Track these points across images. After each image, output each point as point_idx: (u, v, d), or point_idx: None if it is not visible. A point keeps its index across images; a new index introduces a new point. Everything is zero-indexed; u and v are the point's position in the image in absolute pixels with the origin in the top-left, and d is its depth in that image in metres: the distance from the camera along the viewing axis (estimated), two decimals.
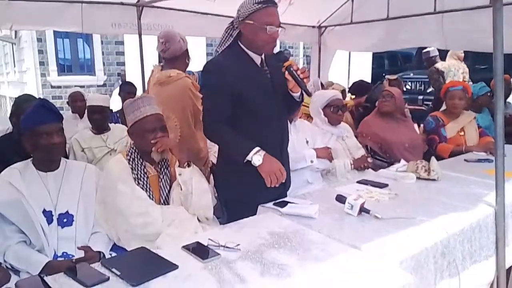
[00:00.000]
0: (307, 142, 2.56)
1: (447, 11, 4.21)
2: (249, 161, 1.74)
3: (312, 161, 2.44)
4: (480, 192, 2.02)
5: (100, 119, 2.96)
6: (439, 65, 5.66)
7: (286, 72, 1.82)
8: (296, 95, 1.91)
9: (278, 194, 1.94)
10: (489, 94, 3.68)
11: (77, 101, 3.84)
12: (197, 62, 2.92)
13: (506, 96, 4.50)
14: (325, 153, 2.51)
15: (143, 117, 1.89)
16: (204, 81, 1.91)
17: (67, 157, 2.75)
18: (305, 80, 1.82)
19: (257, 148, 1.75)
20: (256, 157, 1.72)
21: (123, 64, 9.63)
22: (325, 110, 2.76)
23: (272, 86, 1.91)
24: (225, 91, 1.80)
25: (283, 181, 1.78)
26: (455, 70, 5.59)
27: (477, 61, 8.56)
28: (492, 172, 1.88)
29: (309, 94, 1.94)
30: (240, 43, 1.88)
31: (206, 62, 1.91)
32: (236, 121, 1.83)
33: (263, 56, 1.92)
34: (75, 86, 5.36)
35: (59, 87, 9.13)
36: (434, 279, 1.55)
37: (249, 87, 1.83)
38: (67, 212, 1.77)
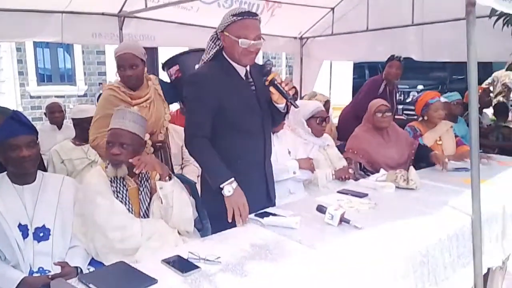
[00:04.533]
0: (289, 152, 2.57)
1: (425, 23, 4.33)
2: (220, 188, 1.73)
3: (294, 172, 2.45)
4: (457, 200, 2.05)
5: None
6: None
7: (270, 85, 1.81)
8: (281, 106, 1.90)
9: (263, 206, 1.94)
10: (457, 102, 3.76)
11: (55, 112, 3.76)
12: None
13: (487, 106, 4.63)
14: (308, 164, 2.53)
15: (110, 129, 1.89)
16: (188, 93, 1.87)
17: (45, 169, 2.70)
18: (289, 92, 1.81)
19: (231, 179, 1.73)
20: (228, 187, 1.70)
21: (104, 74, 9.53)
22: (309, 122, 2.79)
23: (257, 98, 1.91)
24: (208, 104, 1.79)
25: (243, 220, 1.75)
26: None
27: (455, 71, 8.81)
28: (468, 181, 1.92)
29: (296, 106, 1.91)
30: (224, 54, 1.88)
31: (190, 74, 1.91)
32: (219, 133, 1.82)
33: (248, 67, 1.92)
34: (55, 96, 5.29)
35: (39, 97, 8.96)
36: None
37: (232, 99, 1.82)
38: (43, 226, 1.74)
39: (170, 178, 1.82)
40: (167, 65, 2.54)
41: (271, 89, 1.81)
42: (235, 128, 1.84)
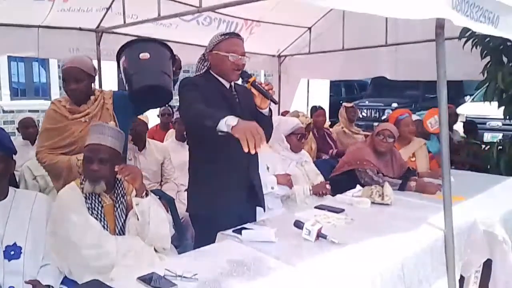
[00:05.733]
0: (267, 168, 2.59)
1: (398, 43, 4.49)
2: (222, 132, 1.67)
3: (273, 188, 2.47)
4: (430, 215, 2.09)
5: None
6: None
7: (252, 88, 1.94)
8: (265, 111, 2.02)
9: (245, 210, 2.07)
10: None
11: (28, 128, 3.64)
12: None
13: (452, 124, 4.78)
14: (286, 180, 2.56)
15: (87, 145, 1.87)
16: (181, 91, 2.00)
17: (17, 185, 2.63)
18: (270, 92, 1.94)
19: (232, 116, 1.70)
20: (231, 118, 1.64)
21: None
22: (289, 138, 2.83)
23: (240, 108, 2.06)
24: (200, 99, 1.91)
25: (262, 143, 1.61)
26: None
27: (428, 90, 9.10)
28: (441, 196, 1.97)
29: (275, 102, 2.04)
30: (211, 72, 2.10)
31: (182, 79, 2.08)
32: (204, 142, 1.95)
33: (232, 83, 2.12)
34: (29, 110, 5.17)
35: (12, 111, 8.74)
36: None
37: (219, 104, 1.96)
38: (14, 244, 1.68)
39: (147, 194, 1.80)
40: (118, 58, 2.45)
41: (253, 90, 1.95)
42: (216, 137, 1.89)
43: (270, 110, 2.09)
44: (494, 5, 1.71)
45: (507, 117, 3.55)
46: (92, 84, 2.30)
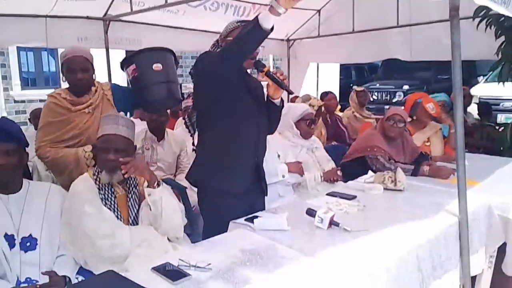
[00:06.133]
0: (278, 156, 2.58)
1: (410, 25, 4.38)
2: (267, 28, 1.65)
3: (283, 176, 2.47)
4: (444, 201, 2.08)
5: None
6: None
7: (266, 77, 1.95)
8: (277, 101, 2.05)
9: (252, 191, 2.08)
10: (443, 104, 3.78)
11: (39, 118, 3.68)
12: None
13: (466, 106, 4.69)
14: (297, 168, 2.55)
15: (101, 135, 1.87)
16: (207, 57, 1.99)
17: (30, 177, 2.66)
18: (284, 81, 1.96)
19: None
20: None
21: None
22: (298, 124, 2.80)
23: (251, 91, 2.06)
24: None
25: None
26: None
27: (440, 71, 8.93)
28: (455, 181, 1.95)
29: (291, 92, 2.10)
30: None
31: (200, 54, 2.06)
32: (218, 116, 1.97)
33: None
34: (40, 100, 5.19)
35: (23, 101, 8.81)
36: None
37: (234, 83, 1.95)
38: (30, 235, 1.70)
39: (158, 185, 1.80)
40: (125, 64, 2.48)
41: (268, 80, 1.96)
42: (231, 108, 1.97)
43: (282, 100, 2.09)
44: None
45: None
46: (94, 74, 2.27)
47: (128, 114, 4.34)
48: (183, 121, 2.52)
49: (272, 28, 1.67)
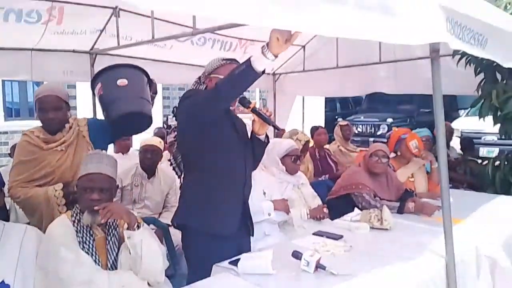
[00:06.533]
0: (264, 193, 2.54)
1: (392, 61, 4.50)
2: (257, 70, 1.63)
3: (269, 214, 2.42)
4: (430, 241, 2.05)
5: None
6: None
7: (253, 113, 1.94)
8: (262, 137, 2.06)
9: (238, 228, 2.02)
10: (426, 138, 3.82)
11: None
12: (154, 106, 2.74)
13: (448, 141, 4.76)
14: (283, 205, 2.51)
15: (85, 174, 1.81)
16: (193, 95, 1.97)
17: (7, 216, 2.56)
18: (270, 117, 1.97)
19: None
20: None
21: (74, 108, 9.34)
22: (284, 160, 2.78)
23: (236, 129, 2.06)
24: None
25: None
26: None
27: (423, 105, 9.13)
28: (440, 219, 1.93)
29: (278, 128, 2.10)
30: None
31: (186, 91, 2.06)
32: (205, 151, 1.94)
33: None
34: (23, 131, 5.09)
35: (6, 132, 8.68)
36: None
37: (221, 118, 1.94)
38: (2, 282, 1.62)
39: (138, 227, 1.74)
40: (92, 84, 2.38)
41: (254, 116, 1.96)
42: (219, 147, 1.96)
43: (267, 136, 2.10)
44: (483, 27, 1.71)
45: (503, 135, 3.53)
46: (68, 111, 2.21)
47: (113, 145, 4.32)
48: (168, 159, 2.47)
49: (263, 71, 1.67)
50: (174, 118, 2.17)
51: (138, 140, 3.60)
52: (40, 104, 2.14)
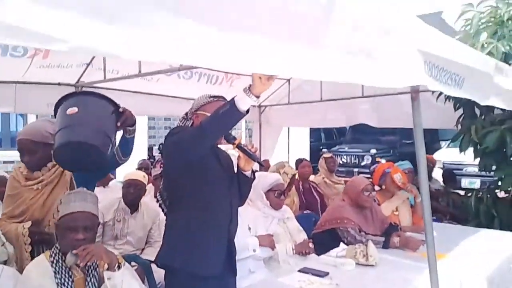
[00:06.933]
0: (249, 229, 2.52)
1: (374, 95, 4.62)
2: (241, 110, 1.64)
3: (255, 250, 2.39)
4: (416, 277, 2.07)
5: None
6: None
7: (237, 149, 1.94)
8: (248, 173, 2.04)
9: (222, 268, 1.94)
10: (408, 171, 3.88)
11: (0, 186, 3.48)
12: (139, 136, 2.63)
13: (430, 172, 4.84)
14: (268, 241, 2.48)
15: (68, 213, 1.77)
16: (179, 132, 1.94)
17: None
18: (256, 153, 1.96)
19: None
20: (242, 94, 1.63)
21: None
22: (268, 194, 2.76)
23: (221, 165, 2.04)
24: None
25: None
26: None
27: (405, 136, 9.31)
28: (425, 254, 1.94)
29: (262, 165, 2.04)
30: None
31: (172, 128, 2.05)
32: (189, 188, 1.92)
33: None
34: (4, 162, 5.00)
35: None
36: None
37: (207, 154, 1.92)
38: None
39: (119, 267, 1.70)
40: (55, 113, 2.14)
41: (239, 152, 1.95)
42: (204, 183, 1.94)
43: (253, 172, 2.09)
44: (459, 68, 1.79)
45: (483, 169, 3.61)
46: (52, 151, 2.06)
47: None
48: (155, 196, 2.43)
49: (248, 110, 1.69)
50: (160, 154, 2.07)
51: (122, 172, 3.56)
52: (18, 146, 2.14)
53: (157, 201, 2.11)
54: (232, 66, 1.08)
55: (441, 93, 3.76)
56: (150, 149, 9.05)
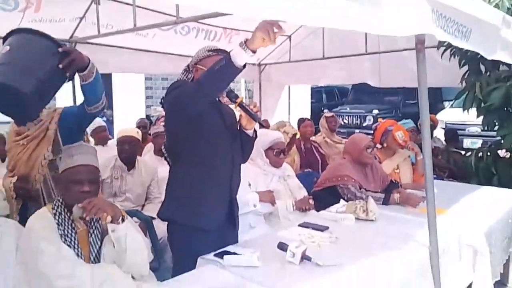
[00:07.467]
0: (249, 185, 2.52)
1: (378, 52, 4.50)
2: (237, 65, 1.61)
3: (255, 205, 2.40)
4: (415, 231, 2.08)
5: None
6: None
7: (239, 108, 1.91)
8: (250, 132, 2.02)
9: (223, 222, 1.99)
10: (412, 130, 3.86)
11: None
12: (136, 96, 2.61)
13: (432, 131, 4.81)
14: (268, 197, 2.49)
15: (72, 167, 1.75)
16: (178, 88, 1.89)
17: None
18: (257, 113, 1.94)
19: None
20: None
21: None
22: (267, 152, 2.73)
23: (223, 119, 2.01)
24: None
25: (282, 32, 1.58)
26: None
27: (408, 96, 9.22)
28: (424, 210, 1.95)
29: (263, 125, 2.10)
30: None
31: (172, 82, 1.99)
32: (190, 143, 1.91)
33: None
34: (1, 122, 4.94)
35: None
36: None
37: (208, 110, 1.90)
38: None
39: (123, 220, 1.70)
40: None
41: (240, 111, 1.92)
42: (205, 138, 1.92)
43: (255, 131, 2.07)
44: (467, 19, 1.71)
45: (486, 127, 3.57)
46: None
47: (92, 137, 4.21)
48: (153, 149, 2.41)
49: (244, 65, 1.64)
50: (162, 108, 2.01)
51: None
52: None
53: (163, 154, 2.11)
54: (234, 7, 1.02)
55: (446, 49, 3.68)
56: (148, 108, 8.99)
